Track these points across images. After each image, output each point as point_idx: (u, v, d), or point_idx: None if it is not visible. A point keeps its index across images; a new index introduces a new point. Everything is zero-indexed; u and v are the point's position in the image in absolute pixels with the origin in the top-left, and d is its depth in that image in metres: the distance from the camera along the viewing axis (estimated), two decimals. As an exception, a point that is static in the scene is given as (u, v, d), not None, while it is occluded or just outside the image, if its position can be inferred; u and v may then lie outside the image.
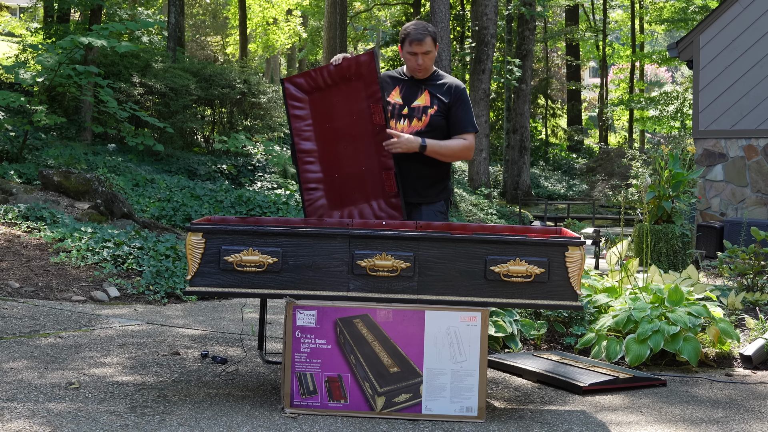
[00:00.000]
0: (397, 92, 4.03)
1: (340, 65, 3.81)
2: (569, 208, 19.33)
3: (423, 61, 3.93)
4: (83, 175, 9.90)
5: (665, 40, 38.21)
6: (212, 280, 3.33)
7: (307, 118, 3.90)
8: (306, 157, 3.91)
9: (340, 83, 3.85)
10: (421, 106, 3.96)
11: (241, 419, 3.19)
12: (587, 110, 39.86)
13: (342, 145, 3.89)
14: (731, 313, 5.07)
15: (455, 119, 3.95)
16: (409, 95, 4.00)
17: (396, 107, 4.00)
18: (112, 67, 15.59)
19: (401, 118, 3.98)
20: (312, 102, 3.89)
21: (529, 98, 22.39)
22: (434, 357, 3.28)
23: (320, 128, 3.89)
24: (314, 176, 3.91)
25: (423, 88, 3.99)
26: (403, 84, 4.03)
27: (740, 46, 10.40)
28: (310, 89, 3.89)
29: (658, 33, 34.51)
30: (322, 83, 3.87)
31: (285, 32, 32.06)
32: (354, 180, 3.90)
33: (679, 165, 7.69)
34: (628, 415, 3.48)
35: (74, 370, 3.90)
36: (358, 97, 3.84)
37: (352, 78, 3.83)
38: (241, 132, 15.44)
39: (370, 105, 3.82)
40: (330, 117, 3.89)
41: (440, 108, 3.94)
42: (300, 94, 3.89)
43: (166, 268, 6.62)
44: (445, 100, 3.95)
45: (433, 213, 4.02)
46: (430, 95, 3.96)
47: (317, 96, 3.89)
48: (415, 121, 3.95)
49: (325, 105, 3.89)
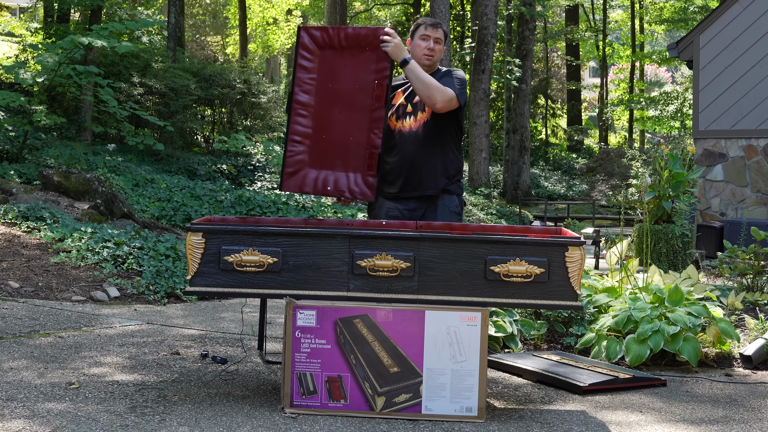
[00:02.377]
0: (400, 94, 4.11)
1: (359, 31, 3.81)
2: (569, 208, 19.32)
3: (433, 47, 4.00)
4: (83, 175, 9.90)
5: (665, 40, 38.21)
6: (212, 280, 3.33)
7: (312, 72, 3.87)
8: (300, 109, 3.86)
9: (354, 49, 3.83)
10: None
11: (241, 419, 3.19)
12: (587, 110, 39.86)
13: (338, 109, 3.87)
14: (731, 313, 5.07)
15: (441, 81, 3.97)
16: (412, 94, 4.06)
17: (400, 108, 4.07)
18: (112, 67, 15.59)
19: (407, 116, 4.05)
20: (322, 58, 3.87)
21: (529, 98, 22.38)
22: (434, 357, 3.28)
23: (322, 86, 3.87)
24: (302, 130, 3.87)
25: None
26: (407, 87, 4.10)
27: (740, 46, 10.40)
28: (324, 45, 3.86)
29: (658, 33, 34.51)
30: (336, 43, 3.84)
31: (285, 32, 32.05)
32: (339, 146, 3.87)
33: (679, 165, 7.69)
34: (628, 415, 3.48)
35: (74, 370, 3.90)
36: (367, 69, 3.82)
37: (366, 47, 3.81)
38: (241, 132, 15.45)
39: (375, 80, 3.81)
40: (335, 78, 3.87)
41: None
42: (312, 46, 3.87)
43: (166, 268, 6.62)
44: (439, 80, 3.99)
45: (449, 213, 4.05)
46: None
47: (329, 54, 3.86)
48: (420, 113, 4.02)
49: (333, 65, 3.86)
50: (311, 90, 3.89)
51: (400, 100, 4.08)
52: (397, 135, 4.06)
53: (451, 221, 4.02)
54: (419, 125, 4.01)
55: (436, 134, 4.01)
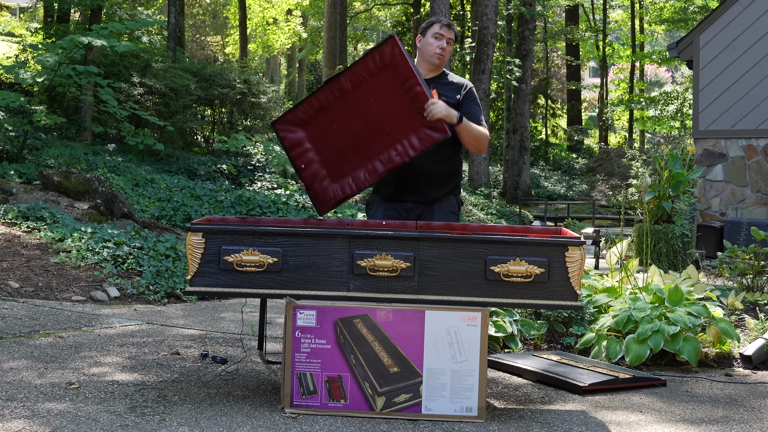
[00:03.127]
0: None
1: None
2: (569, 208, 19.32)
3: (444, 47, 4.01)
4: (83, 175, 9.90)
5: (665, 40, 38.22)
6: (212, 280, 3.33)
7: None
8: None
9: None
10: None
11: (241, 419, 3.19)
12: (587, 110, 39.87)
13: (358, 121, 3.84)
14: (731, 313, 5.07)
15: (468, 112, 3.97)
16: None
17: None
18: (112, 67, 15.59)
19: None
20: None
21: (529, 98, 22.38)
22: (434, 357, 3.28)
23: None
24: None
25: (432, 87, 4.01)
26: None
27: (740, 46, 10.40)
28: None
29: (658, 33, 34.52)
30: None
31: (285, 32, 32.06)
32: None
33: (679, 165, 7.69)
34: (628, 415, 3.48)
35: (74, 370, 3.90)
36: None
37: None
38: (241, 132, 15.45)
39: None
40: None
41: (449, 105, 3.96)
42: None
43: (166, 268, 6.62)
44: (454, 97, 3.98)
45: (446, 214, 4.03)
46: (438, 95, 3.99)
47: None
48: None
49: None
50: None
51: None
52: None
53: (449, 219, 4.02)
54: None
55: (435, 153, 3.98)
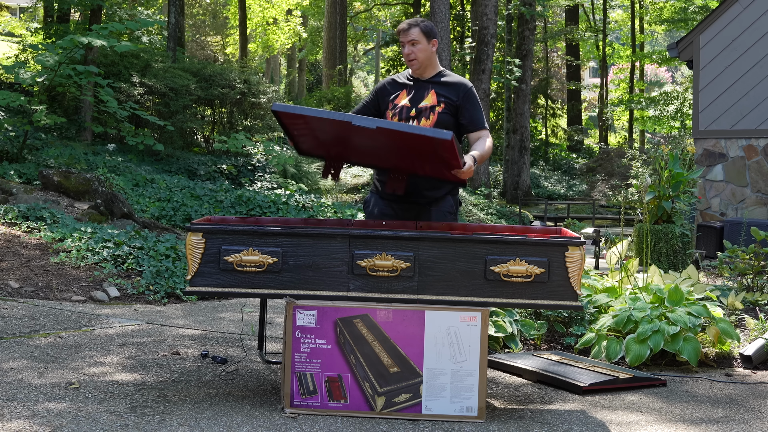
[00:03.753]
0: (404, 95, 4.04)
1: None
2: (569, 208, 19.32)
3: (411, 50, 3.96)
4: (83, 175, 9.90)
5: (665, 40, 38.22)
6: (212, 280, 3.33)
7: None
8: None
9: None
10: (428, 106, 3.97)
11: (241, 419, 3.19)
12: (587, 110, 39.87)
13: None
14: (731, 313, 5.07)
15: (470, 117, 3.97)
16: (417, 97, 4.01)
17: (404, 109, 4.00)
18: (112, 67, 15.59)
19: (409, 119, 3.98)
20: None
21: (529, 98, 22.38)
22: (434, 357, 3.28)
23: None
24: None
25: (429, 88, 4.00)
26: (410, 87, 4.05)
27: (740, 46, 10.40)
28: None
29: (658, 33, 34.52)
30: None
31: (285, 32, 32.07)
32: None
33: (679, 165, 7.69)
34: (628, 415, 3.48)
35: (74, 370, 3.89)
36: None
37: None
38: (241, 132, 15.44)
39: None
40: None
41: (447, 106, 3.96)
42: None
43: (166, 268, 6.62)
44: (452, 99, 3.97)
45: (443, 214, 4.03)
46: (436, 95, 3.98)
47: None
48: (423, 120, 3.96)
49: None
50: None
51: (404, 101, 4.02)
52: None
53: (446, 219, 4.01)
54: None
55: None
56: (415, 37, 3.96)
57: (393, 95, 4.06)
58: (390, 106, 4.04)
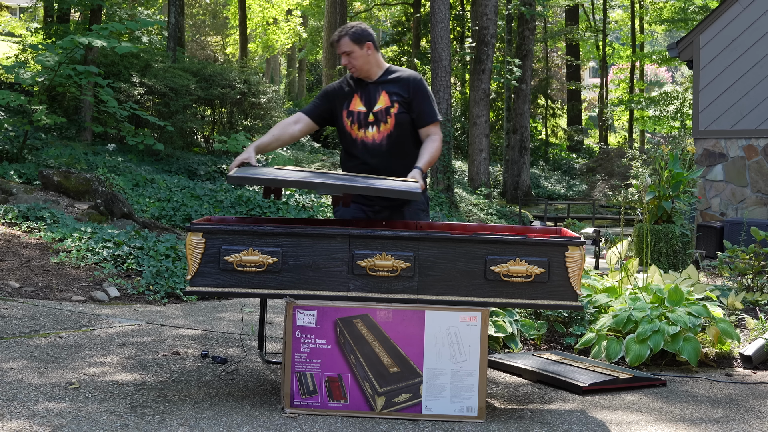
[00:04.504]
0: (358, 99, 3.98)
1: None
2: (569, 208, 19.33)
3: (347, 61, 3.94)
4: (83, 175, 9.90)
5: (665, 40, 38.22)
6: (212, 280, 3.33)
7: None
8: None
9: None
10: (383, 108, 3.92)
11: (241, 419, 3.19)
12: (587, 110, 39.87)
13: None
14: (731, 313, 5.07)
15: (418, 112, 3.92)
16: (370, 100, 3.95)
17: (361, 115, 3.95)
18: (112, 67, 15.59)
19: (369, 125, 3.94)
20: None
21: (529, 98, 22.38)
22: (434, 357, 3.28)
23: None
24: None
25: (380, 89, 3.95)
26: (362, 90, 3.99)
27: (740, 46, 10.40)
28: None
29: (658, 33, 34.52)
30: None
31: (285, 32, 32.07)
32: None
33: (679, 165, 7.69)
34: (628, 415, 3.48)
35: (74, 370, 3.90)
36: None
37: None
38: (241, 132, 15.45)
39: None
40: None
41: (401, 104, 3.92)
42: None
43: (166, 268, 6.62)
44: (404, 95, 3.93)
45: (415, 212, 4.00)
46: (388, 94, 3.93)
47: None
48: (382, 125, 3.93)
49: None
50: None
51: (359, 107, 3.96)
52: (360, 145, 3.95)
53: (418, 218, 4.00)
54: (383, 137, 3.92)
55: (399, 144, 3.94)
56: (346, 48, 3.92)
57: (346, 100, 3.99)
58: (345, 114, 3.98)
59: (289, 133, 4.03)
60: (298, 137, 4.12)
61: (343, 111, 3.99)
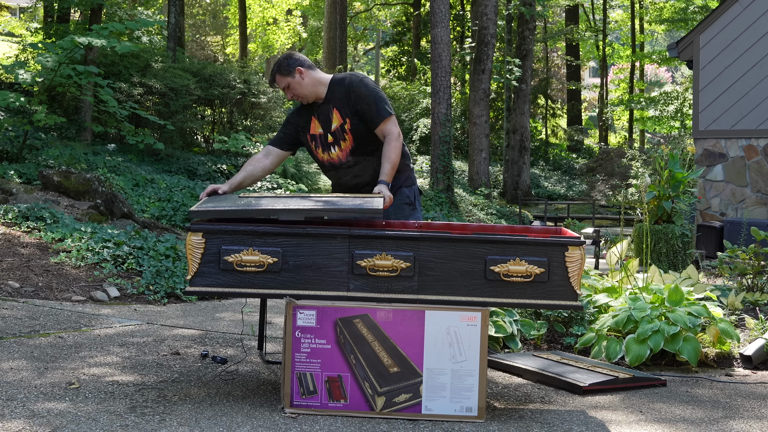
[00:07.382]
0: (315, 122, 3.99)
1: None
2: (569, 208, 19.32)
3: (291, 94, 3.95)
4: (83, 175, 9.90)
5: (665, 40, 38.22)
6: (212, 280, 3.33)
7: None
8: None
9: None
10: (338, 127, 3.92)
11: (241, 419, 3.19)
12: (587, 110, 39.88)
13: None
14: (731, 313, 5.07)
15: (367, 115, 3.88)
16: (324, 121, 3.96)
17: (320, 138, 3.97)
18: (112, 67, 15.58)
19: (330, 146, 3.96)
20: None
21: (529, 98, 22.38)
22: (434, 357, 3.28)
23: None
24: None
25: (331, 107, 3.94)
26: (317, 112, 3.99)
27: (740, 46, 10.40)
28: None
29: (658, 33, 34.52)
30: None
31: (285, 32, 32.07)
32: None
33: (679, 165, 7.69)
34: (628, 415, 3.48)
35: (74, 370, 3.89)
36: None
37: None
38: (241, 132, 15.44)
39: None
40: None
41: (351, 117, 3.90)
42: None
43: (166, 268, 6.62)
44: (349, 107, 3.90)
45: (399, 207, 3.97)
46: (338, 110, 3.92)
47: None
48: (342, 143, 3.93)
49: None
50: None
51: (318, 130, 3.97)
52: (329, 165, 4.01)
53: (404, 213, 3.98)
54: (346, 154, 3.94)
55: (365, 154, 3.94)
56: (282, 84, 3.94)
57: (307, 125, 4.01)
58: (309, 138, 4.00)
59: (261, 167, 4.05)
60: (271, 169, 4.12)
61: (306, 136, 4.03)
